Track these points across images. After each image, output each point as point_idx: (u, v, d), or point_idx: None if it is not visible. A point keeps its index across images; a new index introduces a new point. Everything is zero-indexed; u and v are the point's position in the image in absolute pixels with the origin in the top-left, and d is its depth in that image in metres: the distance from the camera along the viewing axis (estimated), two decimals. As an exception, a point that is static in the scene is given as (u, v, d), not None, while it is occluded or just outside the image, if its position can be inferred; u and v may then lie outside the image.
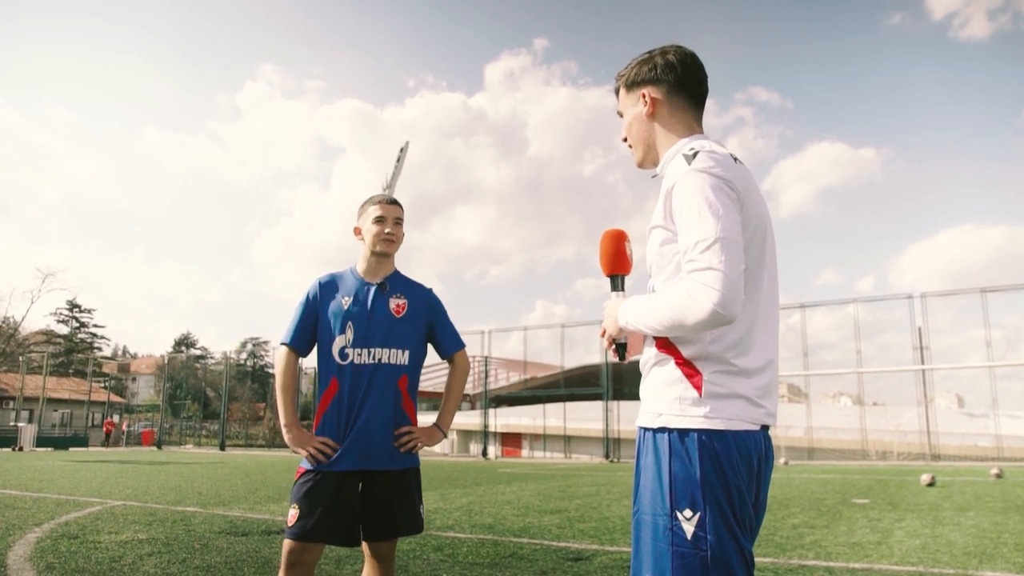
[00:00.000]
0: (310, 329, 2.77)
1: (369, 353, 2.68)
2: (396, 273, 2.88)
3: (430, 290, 2.93)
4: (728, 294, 1.42)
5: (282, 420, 2.74)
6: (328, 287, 2.80)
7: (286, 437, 2.70)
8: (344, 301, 2.74)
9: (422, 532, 2.79)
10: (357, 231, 2.87)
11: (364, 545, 2.69)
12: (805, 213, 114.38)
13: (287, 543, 2.58)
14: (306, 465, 2.66)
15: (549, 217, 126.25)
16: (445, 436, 2.90)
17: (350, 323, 2.70)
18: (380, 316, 2.73)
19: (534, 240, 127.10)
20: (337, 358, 2.68)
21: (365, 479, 2.65)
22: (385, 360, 2.70)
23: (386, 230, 2.79)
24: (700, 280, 1.44)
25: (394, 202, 2.86)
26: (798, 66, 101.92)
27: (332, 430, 2.65)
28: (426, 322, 2.85)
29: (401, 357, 2.73)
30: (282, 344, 2.78)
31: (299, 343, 2.76)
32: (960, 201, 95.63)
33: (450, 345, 2.90)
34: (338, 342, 2.69)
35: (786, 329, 32.96)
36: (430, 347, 2.95)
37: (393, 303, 2.77)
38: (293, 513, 2.58)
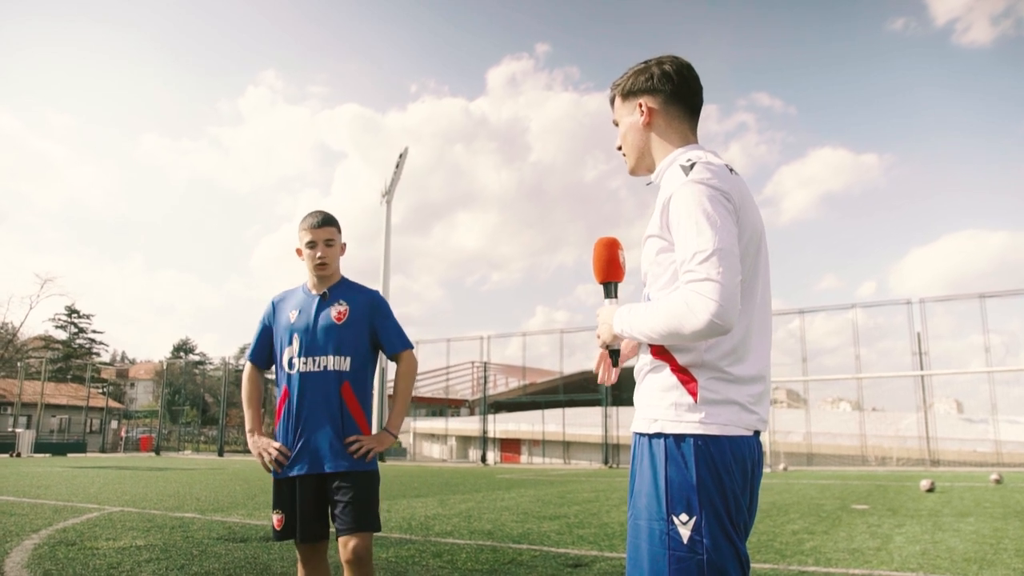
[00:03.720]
0: (267, 345, 3.01)
1: (314, 361, 2.83)
2: (342, 281, 3.02)
3: (375, 292, 3.04)
4: (725, 305, 1.45)
5: (247, 426, 2.99)
6: (279, 304, 3.01)
7: (248, 442, 2.92)
8: (291, 315, 2.92)
9: (379, 532, 2.86)
10: (299, 252, 3.01)
11: (340, 549, 2.72)
12: (807, 219, 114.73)
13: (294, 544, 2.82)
14: (272, 473, 2.87)
15: (551, 223, 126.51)
16: (396, 438, 3.04)
17: (295, 335, 2.87)
18: (323, 325, 2.87)
19: (535, 246, 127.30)
20: (286, 367, 2.88)
21: (325, 482, 2.79)
22: (330, 367, 2.84)
23: (317, 254, 2.91)
24: (697, 291, 1.46)
25: (324, 223, 2.95)
26: (801, 71, 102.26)
27: (284, 435, 2.85)
28: (368, 325, 2.93)
29: (343, 363, 2.85)
30: (247, 360, 3.06)
31: (258, 359, 3.02)
32: (962, 206, 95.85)
33: (394, 344, 2.97)
34: (286, 353, 2.88)
35: (786, 335, 32.98)
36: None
37: (335, 311, 2.90)
38: (277, 519, 2.84)
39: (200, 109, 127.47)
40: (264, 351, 3.01)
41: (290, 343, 2.86)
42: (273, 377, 3.00)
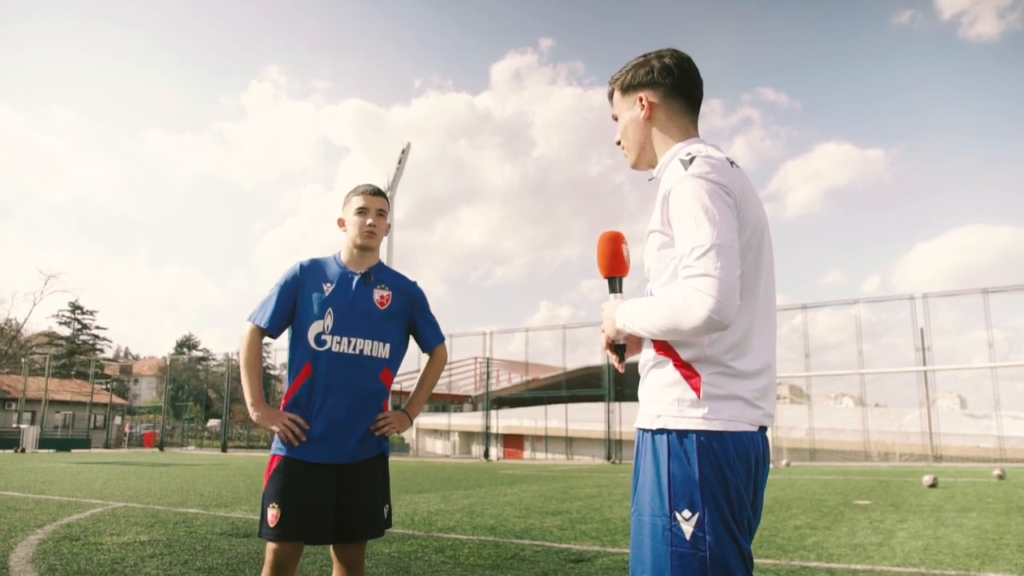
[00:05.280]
0: (287, 311, 2.67)
1: (349, 342, 2.61)
2: (381, 264, 2.83)
3: (414, 283, 2.87)
4: (723, 300, 1.44)
5: (248, 399, 2.63)
6: (310, 271, 2.71)
7: (253, 416, 2.61)
8: (326, 287, 2.66)
9: (384, 533, 2.69)
10: (340, 222, 2.80)
11: (332, 550, 2.61)
12: (811, 214, 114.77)
13: (271, 545, 2.51)
14: (278, 449, 2.59)
15: (554, 218, 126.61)
16: (412, 423, 2.85)
17: (330, 309, 2.62)
18: (363, 306, 2.66)
19: (539, 241, 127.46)
20: (313, 343, 2.60)
21: (339, 473, 2.58)
22: (367, 352, 2.63)
23: (368, 221, 2.71)
24: (696, 286, 1.46)
25: (378, 192, 2.78)
26: (806, 66, 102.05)
27: (301, 414, 2.59)
28: (409, 315, 2.80)
29: (383, 350, 2.67)
30: (250, 322, 2.68)
31: (273, 324, 2.66)
32: (967, 201, 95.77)
33: (432, 339, 2.86)
34: (315, 327, 2.60)
35: (789, 330, 32.97)
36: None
37: (377, 294, 2.71)
38: (273, 513, 2.49)
39: (204, 104, 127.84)
40: (283, 317, 2.66)
41: (321, 317, 2.60)
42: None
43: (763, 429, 1.65)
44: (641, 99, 1.79)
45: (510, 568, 4.95)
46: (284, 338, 2.78)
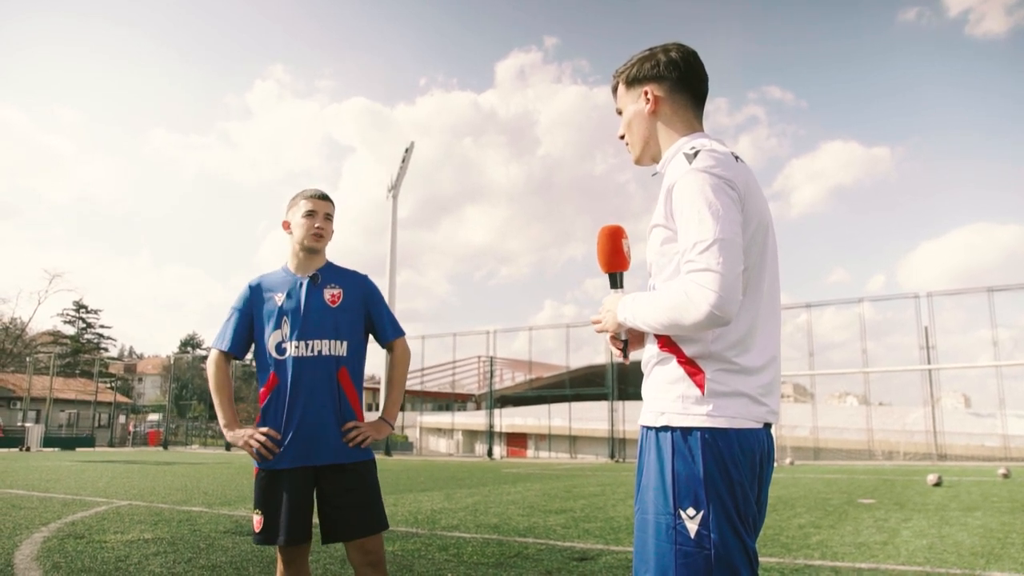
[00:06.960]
0: (245, 332, 2.77)
1: (307, 345, 2.65)
2: (328, 264, 2.84)
3: (365, 276, 2.88)
4: (725, 295, 1.43)
5: (222, 422, 2.73)
6: (259, 288, 2.79)
7: (228, 437, 2.69)
8: (277, 298, 2.72)
9: (387, 529, 2.68)
10: (286, 225, 2.82)
11: (350, 553, 2.60)
12: (816, 212, 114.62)
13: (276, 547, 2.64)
14: (256, 463, 2.64)
15: (559, 217, 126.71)
16: (392, 428, 2.85)
17: (285, 318, 2.68)
18: (315, 308, 2.69)
19: (543, 240, 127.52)
20: (274, 352, 2.66)
21: (318, 475, 2.61)
22: (325, 352, 2.66)
23: (316, 225, 2.74)
24: (697, 281, 1.45)
25: (325, 197, 2.81)
26: (812, 64, 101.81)
27: (273, 424, 2.63)
28: (363, 310, 2.80)
29: (340, 348, 2.69)
30: (214, 348, 2.79)
31: (235, 346, 2.76)
32: (973, 200, 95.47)
33: (389, 332, 2.84)
34: (274, 337, 2.67)
35: (793, 329, 32.88)
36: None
37: (328, 294, 2.73)
38: (257, 520, 2.61)
39: (208, 104, 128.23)
40: (243, 337, 2.77)
41: (279, 327, 2.67)
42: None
43: (767, 426, 1.63)
44: (646, 93, 1.77)
45: (514, 566, 4.95)
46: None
